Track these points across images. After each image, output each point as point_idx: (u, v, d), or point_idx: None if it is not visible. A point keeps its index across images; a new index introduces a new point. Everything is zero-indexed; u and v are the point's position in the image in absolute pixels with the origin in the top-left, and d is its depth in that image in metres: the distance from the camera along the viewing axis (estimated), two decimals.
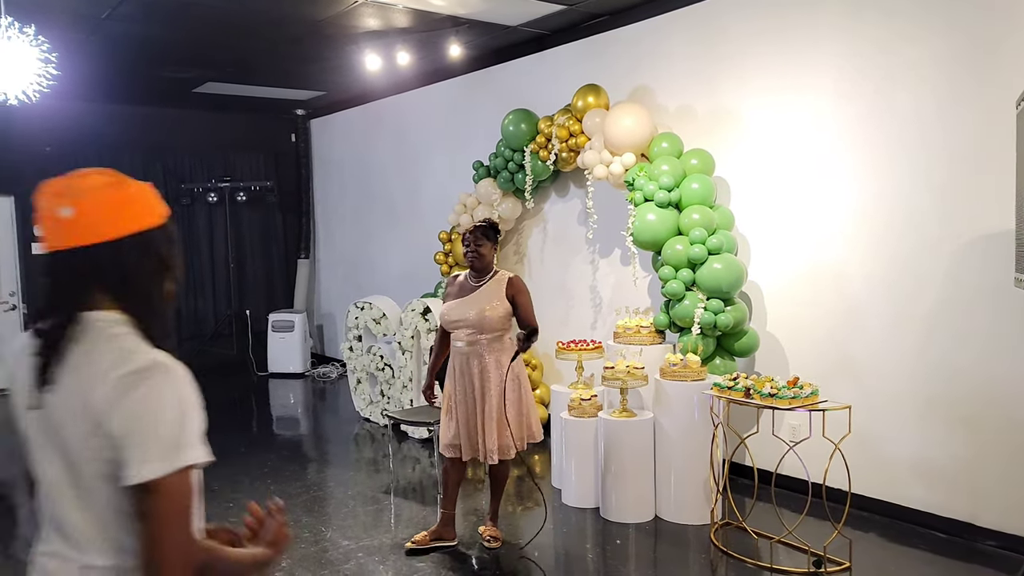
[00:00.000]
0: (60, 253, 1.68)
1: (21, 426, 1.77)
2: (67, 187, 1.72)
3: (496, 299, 4.91)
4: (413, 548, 5.05)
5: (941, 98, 5.04)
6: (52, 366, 1.65)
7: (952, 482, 5.14)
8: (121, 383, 1.58)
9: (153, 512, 1.57)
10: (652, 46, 6.80)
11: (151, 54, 8.24)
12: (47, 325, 1.68)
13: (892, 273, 5.36)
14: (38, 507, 1.78)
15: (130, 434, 1.57)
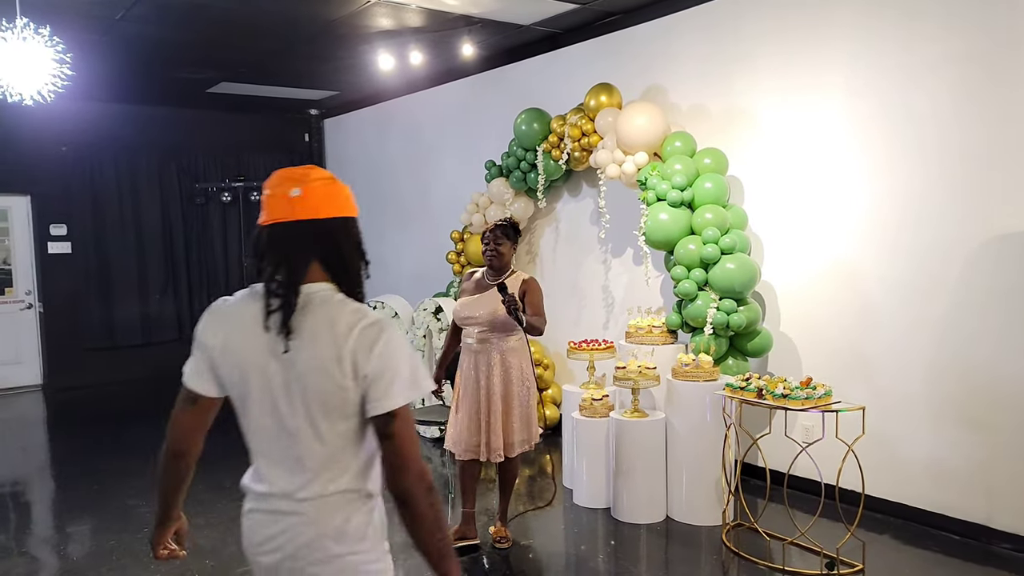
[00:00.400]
0: (286, 223, 2.05)
1: (247, 377, 2.07)
2: (297, 175, 2.08)
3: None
4: None
5: (957, 97, 5.01)
6: (292, 321, 2.00)
7: (966, 484, 5.10)
8: (365, 334, 1.99)
9: (397, 432, 1.98)
10: (665, 45, 6.78)
11: (165, 55, 8.28)
12: (281, 287, 2.02)
13: (906, 273, 5.32)
14: (262, 451, 2.12)
15: (381, 373, 1.98)
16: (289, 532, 2.06)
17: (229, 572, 4.84)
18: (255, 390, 2.07)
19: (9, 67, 5.45)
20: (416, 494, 1.99)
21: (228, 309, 2.16)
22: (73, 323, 10.81)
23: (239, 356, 2.08)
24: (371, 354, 1.98)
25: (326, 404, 2.01)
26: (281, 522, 2.08)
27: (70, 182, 10.67)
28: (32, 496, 6.64)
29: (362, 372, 1.98)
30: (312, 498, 2.05)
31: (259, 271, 2.10)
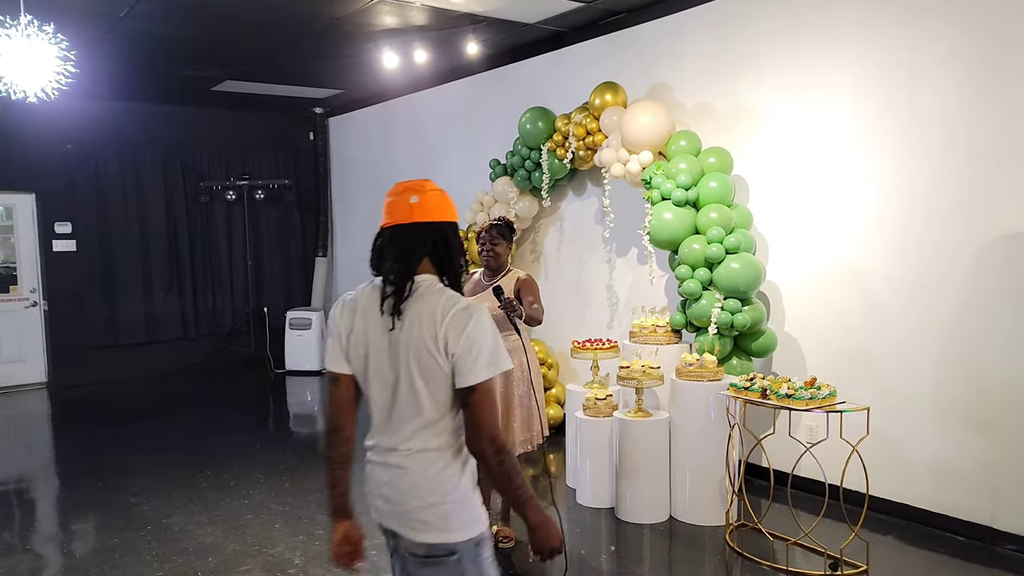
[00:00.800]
0: (405, 225, 2.50)
1: (369, 353, 2.51)
2: (415, 185, 2.55)
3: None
4: None
5: (964, 95, 4.99)
6: (402, 305, 2.42)
7: (972, 485, 5.08)
8: (456, 318, 2.38)
9: (475, 403, 2.38)
10: (670, 43, 6.76)
11: (169, 52, 8.28)
12: (397, 277, 2.45)
13: (912, 273, 5.30)
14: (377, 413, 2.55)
15: (467, 351, 2.36)
16: (395, 480, 2.51)
17: (231, 570, 4.83)
18: (373, 364, 2.51)
19: (13, 64, 5.46)
20: (487, 455, 2.38)
21: (354, 299, 2.61)
22: (77, 321, 10.83)
23: (363, 336, 2.52)
24: (460, 336, 2.37)
25: (425, 375, 2.42)
26: (389, 472, 2.53)
27: (75, 180, 10.68)
28: (36, 493, 6.65)
29: (452, 350, 2.38)
30: (412, 452, 2.47)
31: (378, 264, 2.57)
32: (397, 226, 2.52)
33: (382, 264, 2.54)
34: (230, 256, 12.10)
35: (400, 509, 2.49)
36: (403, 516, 2.49)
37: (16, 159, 10.21)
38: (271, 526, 5.54)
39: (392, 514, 2.53)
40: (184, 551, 5.12)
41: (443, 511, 2.44)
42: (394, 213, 2.53)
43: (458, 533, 2.45)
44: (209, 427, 8.31)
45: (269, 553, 5.08)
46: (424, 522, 2.45)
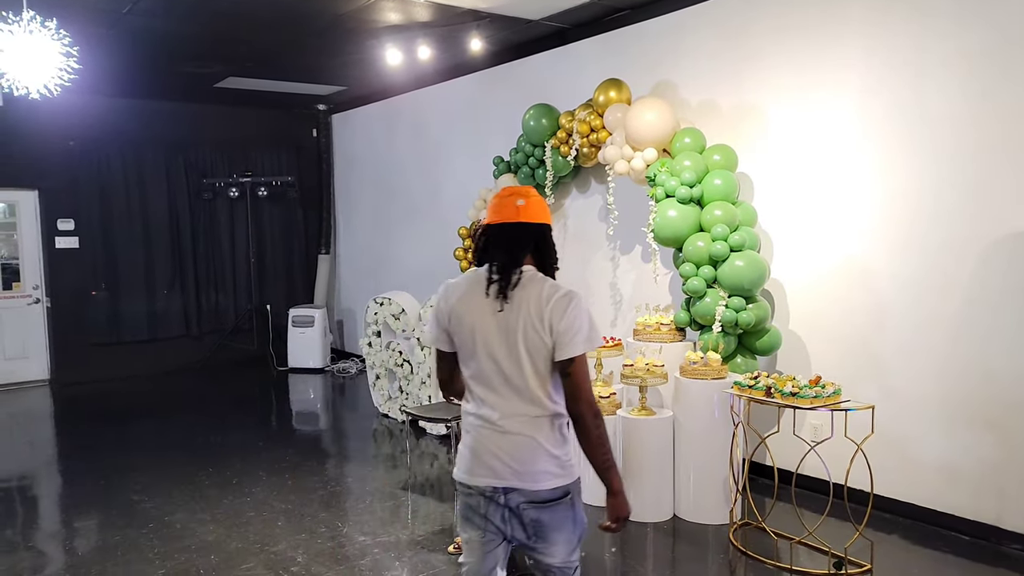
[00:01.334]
0: (513, 223, 2.90)
1: (474, 334, 2.83)
2: (521, 191, 2.98)
3: None
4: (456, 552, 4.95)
5: (970, 94, 4.96)
6: (508, 292, 2.80)
7: (977, 484, 5.06)
8: (559, 302, 2.77)
9: (576, 372, 2.77)
10: (675, 40, 6.74)
11: (172, 49, 8.26)
12: (503, 267, 2.84)
13: (918, 272, 5.28)
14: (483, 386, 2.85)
15: (568, 330, 2.74)
16: (515, 443, 2.82)
17: (234, 567, 4.82)
18: (480, 343, 2.84)
19: (16, 61, 5.44)
20: (585, 416, 2.77)
21: (457, 287, 2.95)
22: (80, 318, 10.83)
23: (468, 319, 2.86)
24: (563, 316, 2.75)
25: (531, 351, 2.79)
26: (507, 437, 2.82)
27: (77, 177, 10.68)
28: (38, 491, 6.64)
29: (556, 329, 2.76)
30: (527, 417, 2.82)
31: (481, 257, 2.96)
32: (507, 224, 2.92)
33: (486, 256, 2.94)
34: (233, 253, 12.09)
35: (524, 467, 2.81)
36: (526, 472, 2.81)
37: (19, 156, 10.21)
38: (273, 524, 5.53)
39: (513, 472, 2.82)
40: (186, 549, 5.11)
41: (559, 461, 2.84)
42: (503, 213, 2.94)
43: (569, 477, 2.86)
44: (211, 425, 8.30)
45: (271, 551, 5.06)
46: (547, 472, 2.82)
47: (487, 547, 2.97)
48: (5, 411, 9.46)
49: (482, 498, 2.89)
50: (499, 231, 2.94)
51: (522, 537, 2.91)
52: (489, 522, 2.91)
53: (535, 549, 2.94)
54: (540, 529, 2.87)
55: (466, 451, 2.93)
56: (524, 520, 2.87)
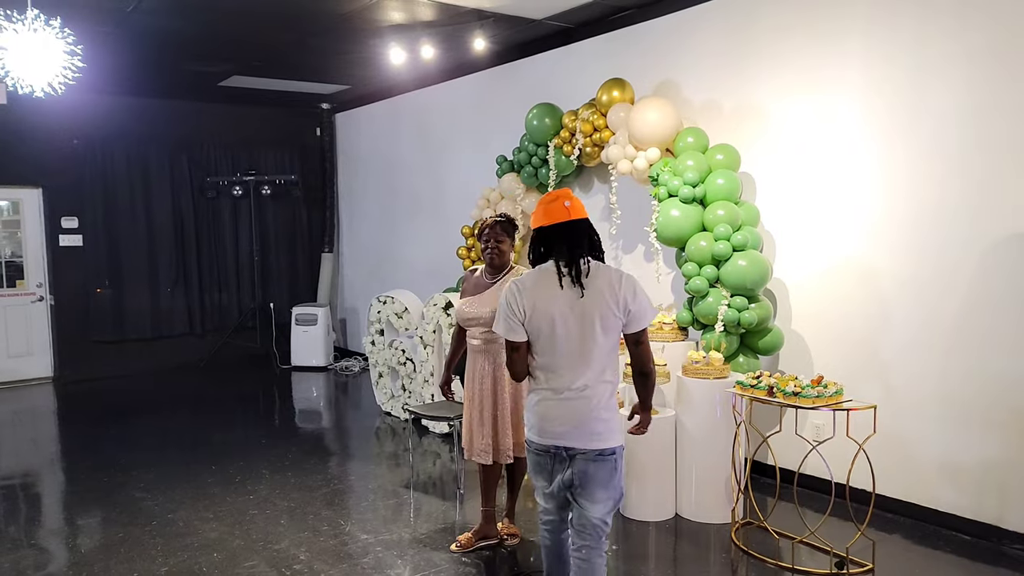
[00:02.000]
0: (567, 222, 3.41)
1: (553, 322, 3.36)
2: (563, 194, 3.49)
3: None
4: (459, 551, 5.00)
5: (975, 93, 4.96)
6: (584, 280, 3.36)
7: (979, 484, 5.06)
8: (628, 284, 3.39)
9: (645, 340, 3.50)
10: (678, 40, 6.75)
11: (176, 47, 8.28)
12: (574, 260, 3.37)
13: (921, 271, 5.28)
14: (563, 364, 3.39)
15: (639, 307, 3.40)
16: (578, 409, 3.40)
17: (236, 565, 4.83)
18: (560, 328, 3.38)
19: (20, 59, 5.46)
20: (652, 373, 3.60)
21: (530, 283, 3.44)
22: (84, 316, 10.85)
23: (547, 309, 3.37)
24: (634, 296, 3.38)
25: (606, 330, 3.36)
26: (571, 404, 3.40)
27: (81, 175, 10.70)
28: (41, 488, 6.66)
29: (629, 308, 3.37)
30: (592, 386, 3.39)
31: (542, 256, 3.49)
32: (561, 224, 3.42)
33: (547, 255, 3.47)
34: (236, 252, 12.12)
35: (583, 429, 3.37)
36: (583, 433, 3.38)
37: (23, 154, 10.24)
38: (276, 521, 5.54)
39: (573, 434, 3.39)
40: (189, 546, 5.12)
41: (608, 425, 3.42)
42: (555, 215, 3.43)
43: (616, 440, 3.45)
44: (214, 423, 8.32)
45: (274, 548, 5.08)
46: (599, 433, 3.39)
47: (550, 496, 3.60)
48: (9, 408, 9.48)
49: (547, 455, 3.48)
50: (556, 231, 3.43)
51: (577, 490, 3.46)
52: (552, 475, 3.50)
53: (580, 501, 3.47)
54: (586, 481, 3.42)
55: (536, 418, 3.50)
56: (575, 471, 3.42)
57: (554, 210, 3.43)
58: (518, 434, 4.88)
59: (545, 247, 3.47)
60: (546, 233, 3.45)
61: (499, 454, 4.91)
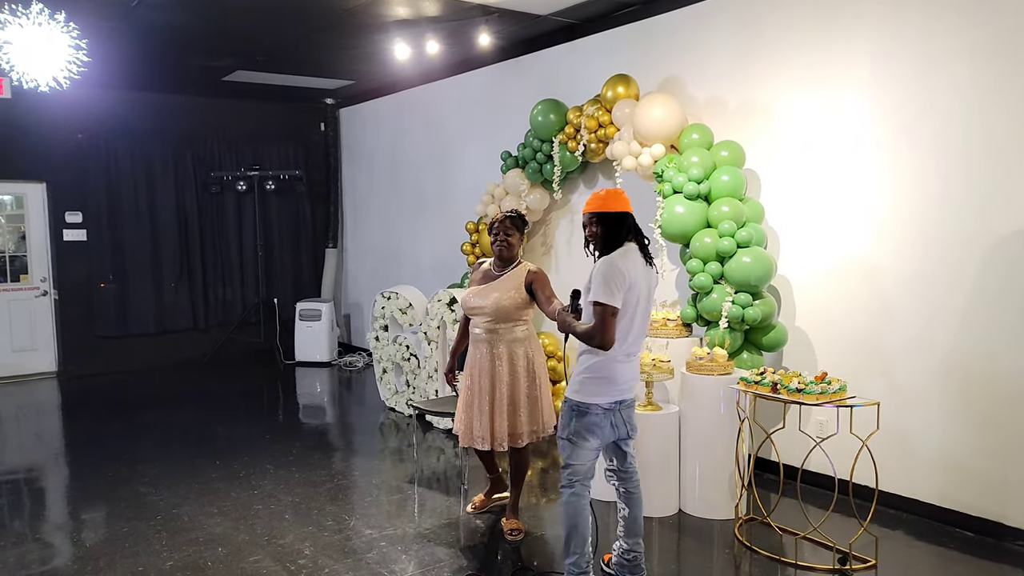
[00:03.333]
0: (627, 213, 4.09)
1: (639, 295, 4.00)
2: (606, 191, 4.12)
3: (514, 289, 4.97)
4: (474, 511, 5.55)
5: (980, 90, 4.96)
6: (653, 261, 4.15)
7: (982, 481, 5.07)
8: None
9: None
10: (683, 37, 6.74)
11: (181, 42, 8.29)
12: (645, 243, 4.13)
13: (925, 268, 5.28)
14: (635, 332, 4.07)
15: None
16: (635, 368, 4.24)
17: (241, 560, 4.85)
18: (643, 300, 4.04)
19: (25, 53, 5.47)
20: None
21: (628, 263, 3.95)
22: (88, 311, 10.87)
23: (639, 284, 3.97)
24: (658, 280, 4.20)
25: (652, 302, 4.19)
26: (633, 366, 4.20)
27: (86, 170, 10.72)
28: (46, 483, 6.67)
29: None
30: (641, 350, 4.26)
31: (616, 239, 4.04)
32: (629, 213, 4.10)
33: (621, 238, 4.05)
34: (240, 247, 12.13)
35: (635, 383, 4.24)
36: (633, 387, 4.21)
37: (27, 148, 10.25)
38: (280, 516, 5.55)
39: (633, 388, 4.21)
40: (194, 541, 5.14)
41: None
42: (626, 204, 4.11)
43: None
44: (218, 418, 8.34)
45: (279, 543, 5.09)
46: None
47: (597, 451, 4.14)
48: (13, 403, 9.50)
49: (609, 412, 4.07)
50: (630, 218, 4.08)
51: (623, 433, 4.19)
52: (603, 430, 4.07)
53: (626, 444, 4.30)
54: (631, 422, 4.23)
55: (603, 382, 4.03)
56: (625, 418, 4.17)
57: (625, 200, 4.09)
58: (516, 425, 4.94)
59: (617, 231, 4.04)
60: (621, 219, 4.05)
61: (495, 441, 4.99)
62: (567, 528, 4.12)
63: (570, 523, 4.11)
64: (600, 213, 4.06)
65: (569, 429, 4.08)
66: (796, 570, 4.64)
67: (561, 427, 4.14)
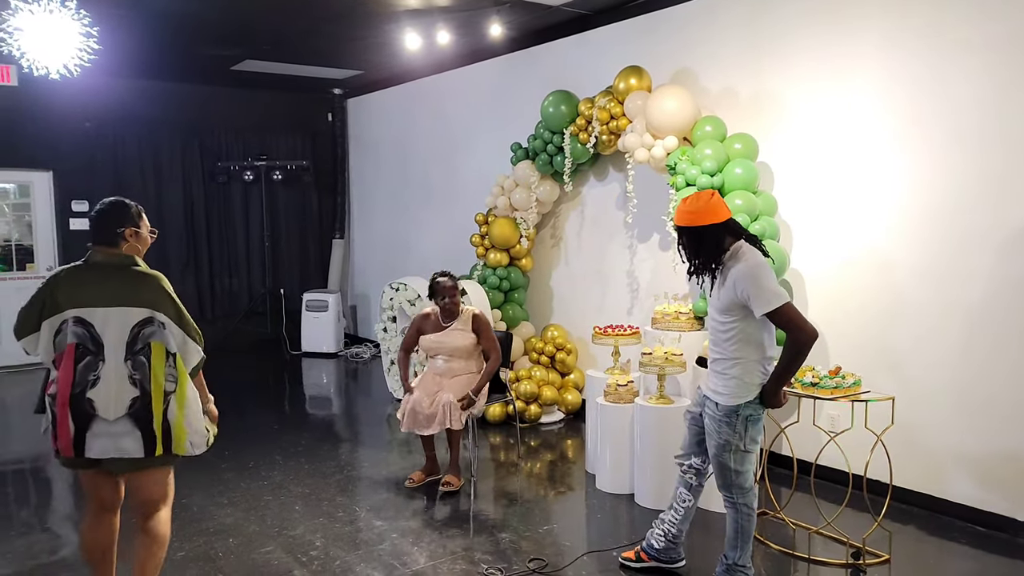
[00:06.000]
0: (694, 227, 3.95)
1: None
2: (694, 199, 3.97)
3: (467, 333, 6.11)
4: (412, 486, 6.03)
5: (996, 83, 4.92)
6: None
7: (995, 477, 5.05)
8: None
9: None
10: (696, 28, 6.70)
11: (190, 31, 8.26)
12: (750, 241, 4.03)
13: (939, 262, 5.25)
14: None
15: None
16: None
17: (253, 551, 4.84)
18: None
19: (36, 41, 5.44)
20: None
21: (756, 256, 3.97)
22: None
23: None
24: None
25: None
26: None
27: (92, 158, 10.70)
28: (53, 473, 6.63)
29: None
30: None
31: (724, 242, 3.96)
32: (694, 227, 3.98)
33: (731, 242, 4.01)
34: (247, 237, 12.11)
35: None
36: None
37: (34, 137, 10.23)
38: (291, 508, 5.54)
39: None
40: (205, 531, 5.13)
41: None
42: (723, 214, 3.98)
43: None
44: (225, 408, 8.16)
45: (290, 534, 5.08)
46: None
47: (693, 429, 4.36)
48: (19, 392, 9.51)
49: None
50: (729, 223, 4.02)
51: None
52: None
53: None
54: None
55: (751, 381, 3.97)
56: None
57: (717, 205, 3.94)
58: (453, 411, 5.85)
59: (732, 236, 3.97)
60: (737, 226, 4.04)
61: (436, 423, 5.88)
62: (747, 535, 4.19)
63: (751, 526, 4.19)
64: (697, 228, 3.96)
65: (746, 439, 4.00)
66: (809, 564, 4.63)
67: (731, 439, 4.01)
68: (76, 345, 3.53)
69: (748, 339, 3.94)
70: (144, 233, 3.91)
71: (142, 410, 3.52)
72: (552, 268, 8.38)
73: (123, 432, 3.52)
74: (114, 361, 3.52)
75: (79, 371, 3.53)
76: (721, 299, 3.95)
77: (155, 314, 3.60)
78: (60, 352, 3.59)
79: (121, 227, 3.76)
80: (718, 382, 4.04)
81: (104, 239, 3.75)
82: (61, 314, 3.57)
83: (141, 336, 3.56)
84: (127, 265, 3.71)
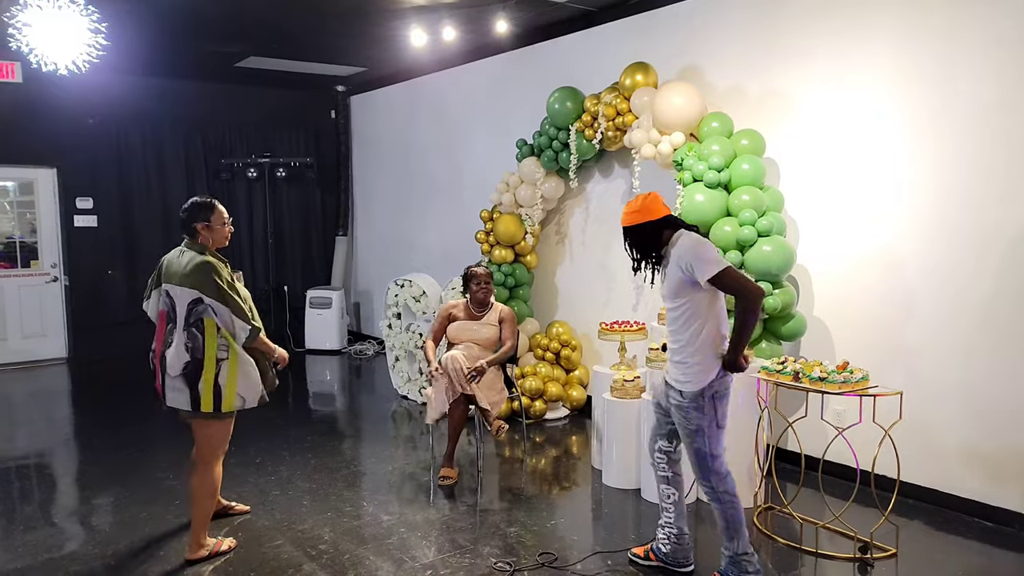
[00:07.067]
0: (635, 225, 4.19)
1: None
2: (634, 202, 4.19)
3: (495, 326, 6.47)
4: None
5: (1004, 81, 4.92)
6: None
7: (1003, 472, 5.06)
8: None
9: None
10: (702, 24, 6.70)
11: (194, 27, 8.26)
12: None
13: (947, 259, 5.25)
14: None
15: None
16: None
17: (262, 545, 4.85)
18: None
19: (44, 37, 5.45)
20: None
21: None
22: (98, 296, 10.87)
23: None
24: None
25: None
26: None
27: (96, 155, 10.70)
28: (59, 468, 6.65)
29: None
30: None
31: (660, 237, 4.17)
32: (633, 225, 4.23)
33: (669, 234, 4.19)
34: (251, 234, 12.11)
35: None
36: None
37: (38, 133, 10.23)
38: (299, 502, 5.55)
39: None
40: (213, 526, 5.11)
41: None
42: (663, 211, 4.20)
43: None
44: None
45: (298, 529, 5.09)
46: None
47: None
48: (24, 389, 9.51)
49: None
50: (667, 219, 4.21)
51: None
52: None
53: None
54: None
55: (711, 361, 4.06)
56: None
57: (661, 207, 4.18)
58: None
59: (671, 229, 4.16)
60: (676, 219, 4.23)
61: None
62: (738, 522, 4.22)
63: (738, 513, 4.23)
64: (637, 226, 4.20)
65: (718, 416, 4.15)
66: (816, 559, 4.64)
67: (702, 422, 4.14)
68: (165, 313, 4.52)
69: (702, 315, 4.07)
70: (216, 226, 4.69)
71: (192, 373, 4.39)
72: (557, 264, 8.39)
73: (178, 388, 4.43)
74: (179, 329, 4.42)
75: (166, 333, 4.51)
76: (669, 282, 4.12)
77: (203, 295, 4.36)
78: (157, 316, 4.65)
79: (194, 223, 4.61)
80: (679, 371, 4.16)
81: (186, 232, 4.65)
82: (160, 288, 4.60)
83: (194, 312, 4.39)
84: (195, 253, 4.53)
